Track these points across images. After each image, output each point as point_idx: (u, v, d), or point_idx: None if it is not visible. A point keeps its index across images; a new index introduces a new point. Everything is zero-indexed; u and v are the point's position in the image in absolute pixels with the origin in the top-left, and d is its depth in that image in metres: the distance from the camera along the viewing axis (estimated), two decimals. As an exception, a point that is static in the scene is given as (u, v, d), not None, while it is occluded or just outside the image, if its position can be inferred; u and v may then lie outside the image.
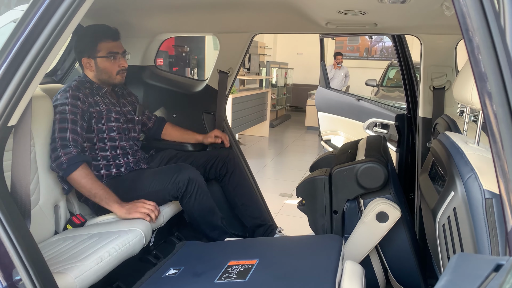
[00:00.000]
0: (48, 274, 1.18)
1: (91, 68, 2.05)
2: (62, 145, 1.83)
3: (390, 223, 1.67)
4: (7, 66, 1.08)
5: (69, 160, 1.81)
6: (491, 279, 0.56)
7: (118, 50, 2.06)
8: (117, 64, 2.05)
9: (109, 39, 2.04)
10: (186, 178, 1.93)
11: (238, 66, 2.57)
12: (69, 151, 1.82)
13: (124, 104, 2.21)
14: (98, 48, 2.02)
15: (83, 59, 2.04)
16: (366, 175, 1.71)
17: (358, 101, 3.08)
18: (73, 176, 1.82)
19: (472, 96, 1.13)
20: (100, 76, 2.07)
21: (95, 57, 2.03)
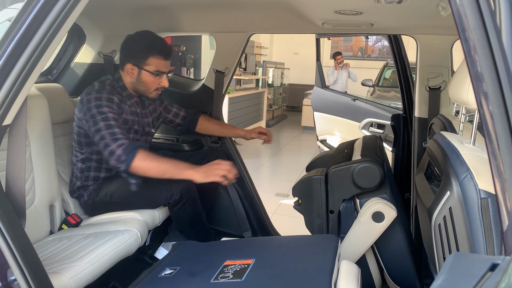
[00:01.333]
0: (43, 274, 1.17)
1: (132, 76, 1.99)
2: (112, 139, 1.79)
3: (386, 223, 1.67)
4: (2, 65, 1.07)
5: (125, 150, 1.77)
6: (487, 278, 0.56)
7: (165, 69, 2.01)
8: (158, 82, 2.01)
9: (162, 56, 1.97)
10: (180, 189, 1.91)
11: (234, 66, 2.57)
12: (122, 143, 1.79)
13: (146, 115, 2.15)
14: (148, 61, 1.95)
15: (128, 64, 1.97)
16: (362, 175, 1.72)
17: (354, 101, 3.08)
18: (135, 164, 1.76)
19: (468, 96, 1.13)
20: (137, 86, 2.01)
21: (142, 68, 1.96)
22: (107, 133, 1.80)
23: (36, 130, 1.79)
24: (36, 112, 1.81)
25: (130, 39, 2.00)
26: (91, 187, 2.02)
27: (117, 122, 1.85)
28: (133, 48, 1.97)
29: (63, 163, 2.11)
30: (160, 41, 2.00)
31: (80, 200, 2.05)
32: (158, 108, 2.28)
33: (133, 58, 1.96)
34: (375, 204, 1.68)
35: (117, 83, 2.01)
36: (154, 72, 1.97)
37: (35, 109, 1.80)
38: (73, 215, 2.00)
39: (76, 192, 2.05)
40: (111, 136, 1.80)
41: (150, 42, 1.96)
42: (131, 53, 1.97)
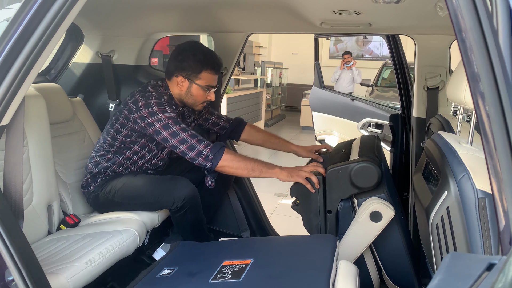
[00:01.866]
0: (41, 275, 1.17)
1: (181, 88, 1.98)
2: (197, 141, 1.80)
3: (384, 223, 1.67)
4: (0, 65, 1.07)
5: (212, 149, 1.79)
6: (483, 278, 0.56)
7: (215, 84, 2.01)
8: (206, 96, 2.00)
9: (214, 71, 1.97)
10: (182, 197, 1.91)
11: (232, 66, 2.57)
12: (207, 143, 1.81)
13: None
14: (200, 76, 1.95)
15: (180, 76, 1.96)
16: (360, 175, 1.72)
17: (353, 101, 3.08)
18: (222, 162, 1.79)
19: (465, 96, 1.13)
20: (184, 98, 2.00)
21: (193, 82, 1.95)
22: (187, 136, 1.81)
23: (34, 130, 1.79)
24: (34, 112, 1.80)
25: (181, 51, 1.97)
26: (100, 179, 2.03)
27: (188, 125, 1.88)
28: (185, 61, 1.94)
29: (61, 163, 2.11)
30: (213, 55, 1.99)
31: (86, 189, 2.06)
32: (197, 119, 2.25)
33: (185, 71, 1.95)
34: (373, 203, 1.68)
35: (167, 93, 1.99)
36: (205, 87, 1.97)
37: (33, 109, 1.80)
38: (71, 215, 2.00)
39: (86, 181, 2.07)
40: (193, 138, 1.81)
41: (204, 57, 1.95)
42: (184, 67, 1.95)
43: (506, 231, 0.65)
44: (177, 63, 1.96)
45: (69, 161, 2.16)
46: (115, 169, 2.05)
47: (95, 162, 2.05)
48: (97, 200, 2.05)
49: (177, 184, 1.94)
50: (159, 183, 1.99)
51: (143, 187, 1.98)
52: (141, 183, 2.00)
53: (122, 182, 2.01)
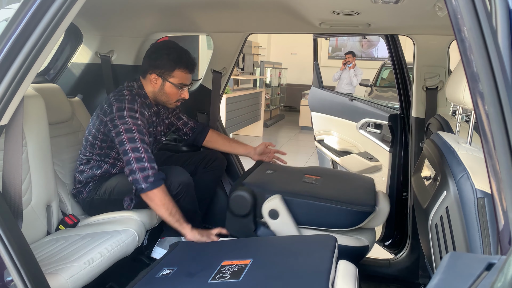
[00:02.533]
0: (40, 275, 1.17)
1: (154, 86, 2.00)
2: (148, 158, 1.81)
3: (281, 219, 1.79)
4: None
5: (156, 175, 1.79)
6: (483, 277, 0.56)
7: (188, 82, 2.03)
8: (180, 94, 2.03)
9: (187, 69, 1.99)
10: (178, 183, 1.91)
11: (232, 66, 2.57)
12: (155, 166, 1.81)
13: (159, 123, 2.17)
14: (173, 74, 1.97)
15: (153, 74, 1.98)
16: (235, 205, 1.87)
17: (352, 101, 3.08)
18: (151, 194, 1.79)
19: (464, 96, 1.14)
20: (158, 96, 2.03)
21: (166, 79, 1.98)
22: (142, 147, 1.82)
23: (33, 131, 1.79)
24: (33, 112, 1.80)
25: (156, 49, 1.99)
26: (91, 184, 2.03)
27: (149, 139, 1.89)
28: (159, 59, 1.96)
29: (60, 163, 2.11)
30: (187, 54, 2.01)
31: (79, 197, 2.06)
32: (170, 116, 2.29)
33: (158, 69, 1.97)
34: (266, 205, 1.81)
35: (141, 92, 2.01)
36: (178, 85, 1.99)
37: (32, 110, 1.80)
38: (70, 216, 1.99)
39: (76, 189, 2.06)
40: (146, 153, 1.81)
41: (178, 55, 1.97)
42: (157, 65, 1.97)
43: (505, 231, 0.66)
44: (151, 61, 1.99)
45: (68, 162, 2.15)
46: (103, 175, 2.05)
47: (81, 171, 2.05)
48: (93, 204, 2.03)
49: (172, 171, 1.95)
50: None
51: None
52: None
53: (116, 180, 2.02)
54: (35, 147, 1.79)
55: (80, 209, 2.11)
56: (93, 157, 2.03)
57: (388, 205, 2.00)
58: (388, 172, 2.56)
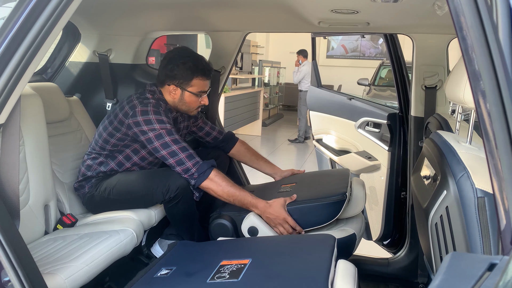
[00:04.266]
0: (37, 275, 1.16)
1: (174, 96, 2.00)
2: (187, 156, 1.83)
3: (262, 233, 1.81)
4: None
5: (199, 169, 1.82)
6: (485, 278, 0.56)
7: (207, 89, 2.02)
8: (199, 101, 2.02)
9: (205, 77, 1.98)
10: (176, 187, 1.90)
11: (230, 65, 2.56)
12: (196, 161, 1.83)
13: (176, 131, 2.11)
14: (192, 83, 1.96)
15: (172, 85, 1.97)
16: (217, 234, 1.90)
17: (350, 100, 3.08)
18: (206, 183, 1.83)
19: (464, 95, 1.13)
20: (179, 106, 2.02)
21: (185, 89, 1.97)
22: (177, 149, 1.84)
23: (31, 130, 1.78)
24: (30, 111, 1.79)
25: (171, 59, 1.98)
26: (94, 179, 2.04)
27: (182, 138, 1.89)
28: (176, 70, 1.95)
29: (58, 162, 2.10)
30: (203, 61, 2.00)
31: (81, 191, 2.06)
32: (191, 127, 2.27)
33: (177, 80, 1.96)
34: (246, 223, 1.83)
35: (160, 98, 2.01)
36: (198, 93, 1.99)
37: (30, 109, 1.79)
38: (68, 215, 1.99)
39: (78, 183, 2.06)
40: (184, 153, 1.83)
41: (194, 64, 1.96)
42: (175, 75, 1.96)
43: (507, 231, 0.65)
44: (168, 72, 1.97)
45: (66, 161, 2.14)
46: (108, 172, 2.05)
47: (88, 166, 2.05)
48: (93, 201, 2.03)
49: (171, 174, 1.94)
50: (153, 175, 2.00)
51: (138, 180, 1.99)
52: (135, 177, 2.01)
53: (116, 179, 2.02)
54: (33, 146, 1.78)
55: (79, 208, 2.10)
56: (104, 153, 2.03)
57: (363, 190, 2.01)
58: (386, 171, 2.56)
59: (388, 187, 2.56)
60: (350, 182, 1.97)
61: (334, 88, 10.52)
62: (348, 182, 1.95)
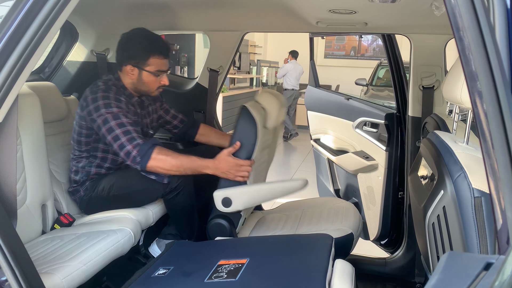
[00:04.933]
0: (35, 275, 1.16)
1: (132, 77, 1.97)
2: (128, 139, 1.80)
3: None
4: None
5: (139, 151, 1.79)
6: (481, 277, 0.56)
7: (166, 68, 2.00)
8: (159, 81, 2.00)
9: (162, 55, 1.96)
10: (177, 177, 1.91)
11: (228, 65, 2.56)
12: (137, 143, 1.81)
13: (145, 116, 2.13)
14: (149, 62, 1.94)
15: (128, 65, 1.95)
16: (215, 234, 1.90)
17: (348, 100, 3.08)
18: (151, 163, 1.80)
19: (461, 95, 1.13)
20: (138, 87, 2.00)
21: (142, 69, 1.95)
22: (121, 132, 1.81)
23: (28, 129, 1.77)
24: (27, 110, 1.79)
25: (127, 39, 1.96)
26: (88, 182, 2.01)
27: (129, 120, 1.86)
28: (132, 49, 1.94)
29: (56, 162, 2.10)
30: (159, 40, 1.97)
31: (76, 195, 2.03)
32: (159, 110, 2.26)
33: (133, 60, 1.94)
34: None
35: (119, 84, 1.99)
36: (155, 72, 1.96)
37: (27, 108, 1.78)
38: (66, 215, 1.98)
39: (73, 187, 2.04)
40: (126, 136, 1.81)
41: (150, 42, 1.94)
42: (131, 55, 1.94)
43: (503, 230, 0.65)
44: (124, 52, 1.96)
45: (63, 160, 2.14)
46: (99, 172, 2.03)
47: (75, 171, 2.03)
48: (91, 202, 2.01)
49: None
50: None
51: (137, 174, 1.97)
52: (135, 171, 1.99)
53: (115, 177, 2.01)
54: (30, 145, 1.77)
55: (76, 208, 2.10)
56: (83, 155, 2.01)
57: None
58: (384, 171, 2.57)
59: (385, 187, 2.57)
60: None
61: (332, 88, 10.52)
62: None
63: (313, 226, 2.05)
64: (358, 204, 2.86)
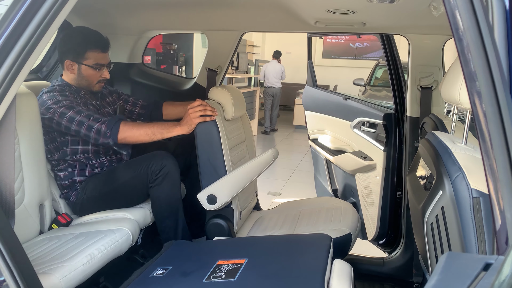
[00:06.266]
0: (32, 275, 1.15)
1: (72, 71, 2.01)
2: (92, 120, 1.88)
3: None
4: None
5: (108, 125, 1.87)
6: (480, 278, 0.56)
7: (104, 62, 2.04)
8: (99, 74, 2.04)
9: (99, 49, 2.01)
10: (160, 163, 1.93)
11: (226, 64, 2.56)
12: (103, 120, 1.89)
13: (104, 105, 2.15)
14: (86, 56, 1.99)
15: (67, 60, 2.00)
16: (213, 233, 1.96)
17: (346, 100, 3.08)
18: (121, 135, 1.88)
19: (460, 96, 1.13)
20: (79, 81, 2.04)
21: (80, 63, 1.99)
22: (83, 117, 1.88)
23: (26, 129, 1.77)
24: (25, 110, 1.78)
25: (65, 36, 2.03)
26: (78, 186, 2.00)
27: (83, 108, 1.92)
28: (69, 44, 2.00)
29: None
30: (96, 34, 2.03)
31: (69, 200, 2.03)
32: (118, 101, 2.29)
33: (70, 54, 1.99)
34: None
35: (63, 84, 2.03)
36: (94, 66, 2.01)
37: (25, 107, 1.78)
38: (63, 215, 1.97)
39: (64, 193, 2.03)
40: (89, 118, 1.88)
41: (86, 37, 2.00)
42: (68, 49, 2.00)
43: (502, 231, 0.65)
44: (62, 47, 2.03)
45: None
46: (83, 172, 2.02)
47: (61, 179, 2.03)
48: (84, 205, 2.00)
49: (155, 155, 1.99)
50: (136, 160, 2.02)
51: (122, 168, 2.03)
52: (122, 166, 2.05)
53: (104, 175, 2.02)
54: (28, 145, 1.77)
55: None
56: (60, 163, 2.01)
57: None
58: (382, 171, 2.57)
59: (383, 187, 2.57)
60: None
61: (330, 88, 10.53)
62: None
63: (311, 226, 2.05)
64: (356, 204, 2.86)
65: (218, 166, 1.95)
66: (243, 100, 2.26)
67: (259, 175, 2.02)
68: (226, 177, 1.94)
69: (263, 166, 1.99)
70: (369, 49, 12.48)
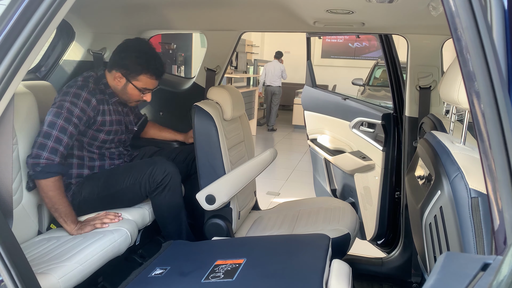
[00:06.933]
0: (31, 275, 1.15)
1: (117, 83, 1.96)
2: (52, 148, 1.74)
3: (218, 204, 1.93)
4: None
5: (46, 166, 1.72)
6: (479, 278, 0.56)
7: (153, 87, 1.99)
8: (142, 96, 2.00)
9: (154, 76, 1.95)
10: (162, 171, 1.90)
11: (225, 64, 2.56)
12: (52, 158, 1.73)
13: (127, 113, 2.13)
14: (138, 78, 1.93)
15: (118, 73, 1.93)
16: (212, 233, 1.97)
17: (345, 100, 3.08)
18: (43, 182, 1.73)
19: (458, 96, 1.14)
20: (119, 94, 1.99)
21: (130, 81, 1.94)
22: (55, 135, 1.75)
23: (24, 129, 1.76)
24: (24, 110, 1.78)
25: (126, 47, 1.95)
26: (73, 187, 1.96)
27: (74, 130, 1.81)
28: (126, 60, 1.92)
29: (52, 161, 2.08)
30: (156, 60, 1.96)
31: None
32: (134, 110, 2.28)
33: (124, 69, 1.92)
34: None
35: (101, 79, 1.97)
36: (142, 89, 1.96)
37: (23, 107, 1.78)
38: (62, 215, 1.97)
39: None
40: (54, 143, 1.74)
41: (146, 61, 1.92)
42: (124, 64, 1.92)
43: (500, 231, 0.66)
44: (119, 59, 1.95)
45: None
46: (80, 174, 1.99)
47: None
48: (80, 207, 1.95)
49: (156, 161, 1.95)
50: (137, 165, 1.99)
51: (124, 173, 1.97)
52: (121, 170, 2.00)
53: (102, 176, 1.98)
54: (26, 145, 1.76)
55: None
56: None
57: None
58: (381, 171, 2.57)
59: (382, 187, 2.57)
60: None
61: (328, 88, 10.54)
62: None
63: (310, 226, 2.05)
64: (355, 204, 2.86)
65: (217, 166, 1.95)
66: (242, 100, 2.26)
67: (258, 175, 2.02)
68: (225, 177, 1.93)
69: (262, 166, 1.98)
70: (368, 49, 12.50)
